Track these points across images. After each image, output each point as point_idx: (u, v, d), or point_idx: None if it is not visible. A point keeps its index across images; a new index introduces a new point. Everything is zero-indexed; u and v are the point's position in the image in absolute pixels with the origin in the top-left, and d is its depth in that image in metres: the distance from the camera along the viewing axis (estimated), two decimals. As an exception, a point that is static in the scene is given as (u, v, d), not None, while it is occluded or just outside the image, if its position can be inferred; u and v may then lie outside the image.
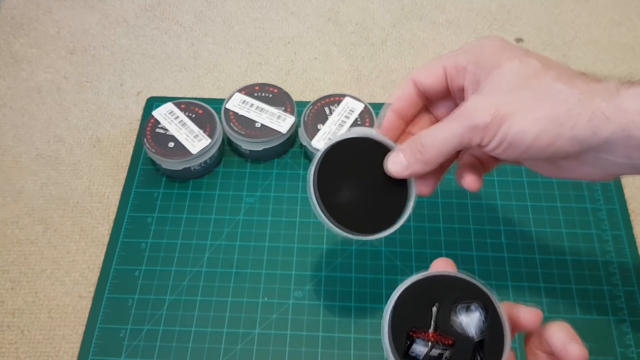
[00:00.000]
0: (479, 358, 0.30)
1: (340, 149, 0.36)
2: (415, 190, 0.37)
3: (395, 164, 0.35)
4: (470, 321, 0.30)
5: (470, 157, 0.37)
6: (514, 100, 0.30)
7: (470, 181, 0.36)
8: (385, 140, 0.37)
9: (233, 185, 0.53)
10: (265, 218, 0.51)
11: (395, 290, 0.31)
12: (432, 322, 0.31)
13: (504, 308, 0.30)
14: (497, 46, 0.32)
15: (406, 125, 0.38)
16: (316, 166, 0.36)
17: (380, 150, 0.36)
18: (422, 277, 0.31)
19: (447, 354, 0.30)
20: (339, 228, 0.35)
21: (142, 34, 0.65)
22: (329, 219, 0.35)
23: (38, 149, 0.56)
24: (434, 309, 0.31)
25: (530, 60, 0.31)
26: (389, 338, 0.30)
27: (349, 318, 0.46)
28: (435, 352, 0.30)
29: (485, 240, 0.49)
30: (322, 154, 0.36)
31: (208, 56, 0.63)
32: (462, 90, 0.35)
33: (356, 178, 0.36)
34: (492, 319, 0.30)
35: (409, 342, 0.30)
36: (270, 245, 0.49)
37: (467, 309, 0.31)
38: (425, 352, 0.30)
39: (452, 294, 0.31)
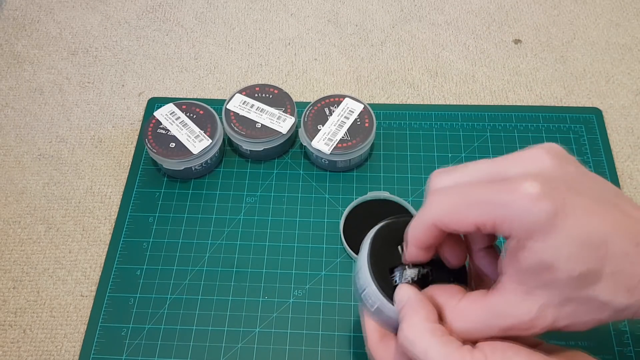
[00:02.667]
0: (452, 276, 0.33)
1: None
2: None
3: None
4: None
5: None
6: (569, 311, 0.27)
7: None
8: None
9: (234, 185, 0.53)
10: (265, 217, 0.51)
11: (363, 242, 0.34)
12: (404, 255, 0.33)
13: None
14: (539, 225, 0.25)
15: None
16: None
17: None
18: (382, 225, 0.34)
19: (431, 273, 0.33)
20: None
21: (144, 35, 0.66)
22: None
23: (40, 149, 0.57)
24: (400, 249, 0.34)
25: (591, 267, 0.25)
26: (373, 279, 0.32)
27: (348, 317, 0.46)
28: (424, 270, 0.33)
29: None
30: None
31: (209, 57, 0.64)
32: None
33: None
34: None
35: (397, 273, 0.33)
36: (271, 244, 0.50)
37: None
38: (416, 272, 0.32)
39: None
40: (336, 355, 0.44)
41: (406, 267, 0.33)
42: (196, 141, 0.51)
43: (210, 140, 0.51)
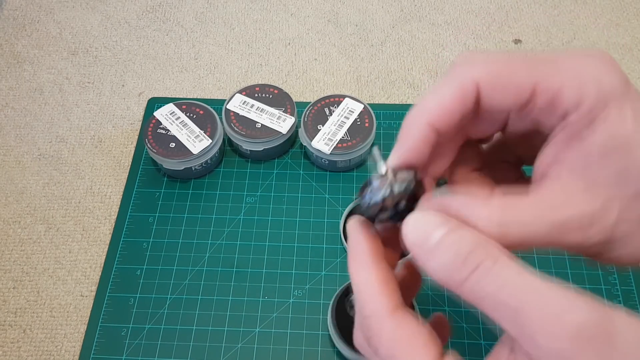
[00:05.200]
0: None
1: None
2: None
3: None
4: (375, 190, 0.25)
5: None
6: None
7: None
8: None
9: (234, 185, 0.53)
10: (265, 217, 0.51)
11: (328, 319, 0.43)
12: (381, 163, 0.25)
13: None
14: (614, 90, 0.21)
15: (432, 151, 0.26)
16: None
17: None
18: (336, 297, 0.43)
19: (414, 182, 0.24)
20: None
21: (144, 35, 0.66)
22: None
23: (40, 149, 0.57)
24: (374, 150, 0.26)
25: None
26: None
27: (348, 317, 0.46)
28: (411, 176, 0.24)
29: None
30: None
31: (209, 57, 0.64)
32: (538, 127, 0.23)
33: None
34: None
35: (377, 184, 0.24)
36: (271, 244, 0.50)
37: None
38: (411, 175, 0.24)
39: None
40: (336, 355, 0.44)
41: (379, 179, 0.24)
42: (196, 141, 0.51)
43: (210, 140, 0.51)
